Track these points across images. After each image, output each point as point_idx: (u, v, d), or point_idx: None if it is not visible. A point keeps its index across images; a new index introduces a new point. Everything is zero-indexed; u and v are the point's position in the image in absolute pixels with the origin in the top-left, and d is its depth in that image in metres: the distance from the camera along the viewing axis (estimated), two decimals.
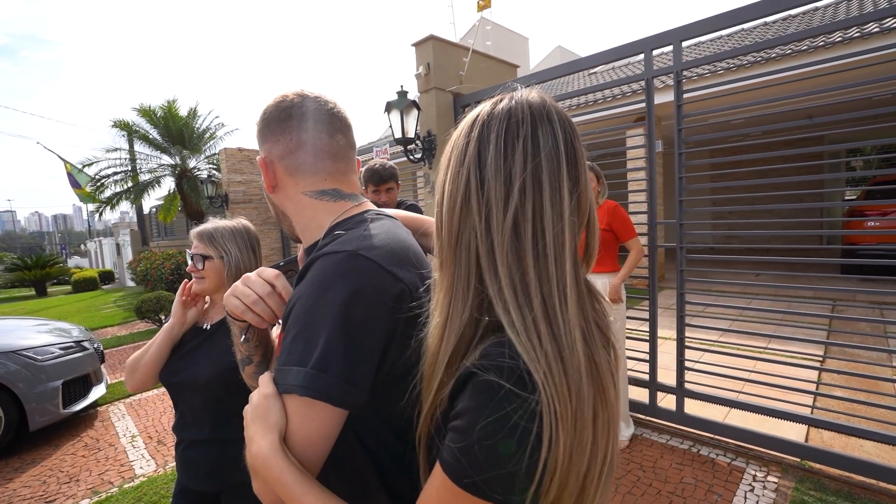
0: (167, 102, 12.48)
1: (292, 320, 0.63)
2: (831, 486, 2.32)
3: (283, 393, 0.61)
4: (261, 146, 0.81)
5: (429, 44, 4.13)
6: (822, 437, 2.74)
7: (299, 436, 0.59)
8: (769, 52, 5.99)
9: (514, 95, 0.56)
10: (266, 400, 0.60)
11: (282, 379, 0.61)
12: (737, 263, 8.27)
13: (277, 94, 0.82)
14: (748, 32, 8.16)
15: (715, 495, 2.30)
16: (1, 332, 3.78)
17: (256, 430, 0.59)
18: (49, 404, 3.48)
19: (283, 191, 0.81)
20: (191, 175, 12.12)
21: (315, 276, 0.64)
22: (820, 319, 4.66)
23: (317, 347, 0.59)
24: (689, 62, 2.71)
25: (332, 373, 0.58)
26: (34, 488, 2.90)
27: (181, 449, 1.37)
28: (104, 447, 3.44)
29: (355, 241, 0.67)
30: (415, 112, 4.03)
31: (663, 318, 4.00)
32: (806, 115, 7.07)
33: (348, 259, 0.63)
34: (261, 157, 0.80)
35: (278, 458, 0.57)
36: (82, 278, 17.67)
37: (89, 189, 12.88)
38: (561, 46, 18.11)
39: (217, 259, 1.37)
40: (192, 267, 1.37)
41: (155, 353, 1.34)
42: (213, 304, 1.46)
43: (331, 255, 0.65)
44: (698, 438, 2.85)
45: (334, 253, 0.64)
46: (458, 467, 0.46)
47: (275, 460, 0.57)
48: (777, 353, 2.89)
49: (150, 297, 6.79)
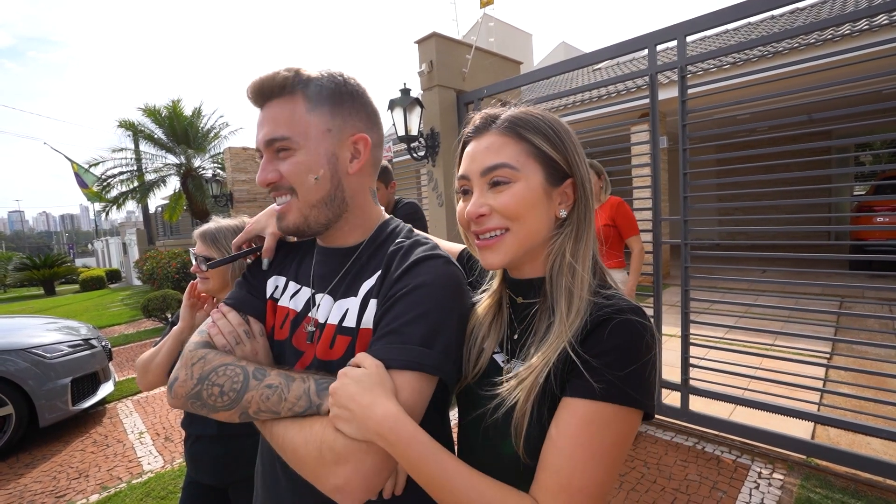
0: (172, 102, 12.56)
1: (406, 308, 0.68)
2: (837, 483, 2.31)
3: (404, 368, 0.65)
4: (346, 120, 0.75)
5: (432, 41, 4.12)
6: (829, 435, 2.72)
7: (410, 404, 0.64)
8: (776, 46, 5.93)
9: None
10: (379, 369, 0.63)
11: (401, 355, 0.65)
12: (743, 260, 8.21)
13: (345, 72, 0.78)
14: (754, 27, 8.07)
15: (719, 492, 2.30)
16: (11, 331, 3.84)
17: (378, 395, 0.60)
18: (58, 401, 3.53)
19: (358, 178, 0.80)
20: (196, 174, 12.19)
21: (428, 275, 0.71)
22: (827, 316, 4.62)
23: (440, 334, 0.68)
24: (694, 57, 2.69)
25: (452, 358, 0.69)
26: (45, 483, 2.94)
27: (189, 444, 1.40)
28: (112, 443, 3.48)
29: (434, 247, 0.77)
30: (418, 109, 4.02)
31: (668, 315, 3.98)
32: (810, 112, 7.00)
33: (446, 263, 0.74)
34: (362, 135, 0.77)
35: (407, 420, 0.60)
36: (90, 277, 17.84)
37: (96, 189, 12.99)
38: (565, 42, 18.01)
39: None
40: (196, 268, 1.38)
41: (165, 355, 1.36)
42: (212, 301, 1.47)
43: (433, 258, 0.74)
44: (703, 435, 2.84)
45: (436, 257, 0.74)
46: (615, 391, 0.57)
47: (405, 422, 0.59)
48: (783, 349, 2.87)
49: (157, 295, 6.85)
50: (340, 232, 0.81)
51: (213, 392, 0.70)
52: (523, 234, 0.68)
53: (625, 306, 0.62)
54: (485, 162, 0.68)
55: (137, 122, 12.41)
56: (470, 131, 0.73)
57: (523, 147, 0.68)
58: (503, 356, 0.73)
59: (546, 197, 0.68)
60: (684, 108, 2.75)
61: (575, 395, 0.59)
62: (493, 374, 0.72)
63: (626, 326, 0.59)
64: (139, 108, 12.43)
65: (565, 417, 0.59)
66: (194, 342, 0.77)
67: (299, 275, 0.85)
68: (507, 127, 0.68)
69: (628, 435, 0.59)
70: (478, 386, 0.72)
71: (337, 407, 0.61)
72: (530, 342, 0.68)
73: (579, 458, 0.56)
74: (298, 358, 0.78)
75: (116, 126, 12.37)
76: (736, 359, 3.22)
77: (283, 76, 0.72)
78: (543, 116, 0.70)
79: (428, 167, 4.42)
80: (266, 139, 0.73)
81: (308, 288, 0.82)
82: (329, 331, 0.76)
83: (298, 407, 0.68)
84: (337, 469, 0.60)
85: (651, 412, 0.61)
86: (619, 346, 0.59)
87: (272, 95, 0.73)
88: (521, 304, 0.74)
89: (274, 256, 0.89)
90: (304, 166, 0.73)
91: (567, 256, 0.68)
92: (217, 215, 1.55)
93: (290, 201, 0.75)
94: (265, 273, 0.89)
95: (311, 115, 0.73)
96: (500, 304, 0.77)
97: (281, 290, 0.85)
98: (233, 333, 0.78)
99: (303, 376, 0.70)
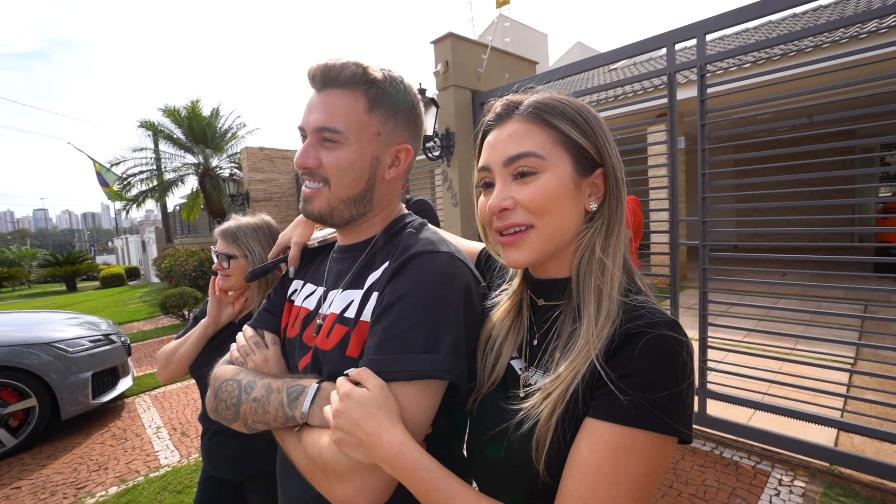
0: (191, 103, 12.77)
1: (406, 310, 0.65)
2: (862, 492, 2.24)
3: (409, 380, 0.62)
4: (396, 127, 0.76)
5: (447, 41, 4.12)
6: (853, 442, 2.65)
7: (418, 416, 0.63)
8: (799, 43, 5.79)
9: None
10: (383, 390, 0.61)
11: (404, 366, 0.62)
12: (762, 262, 8.04)
13: (404, 77, 0.77)
14: (775, 25, 7.90)
15: (738, 499, 2.25)
16: (35, 325, 3.94)
17: (382, 421, 0.58)
18: (79, 395, 3.61)
19: (391, 184, 0.80)
20: (213, 174, 12.38)
21: (426, 273, 0.68)
22: (851, 320, 4.49)
23: (444, 334, 0.64)
24: (714, 55, 2.64)
25: (462, 357, 0.66)
26: (66, 475, 3.01)
27: (206, 438, 1.43)
28: (131, 437, 3.55)
29: (442, 243, 0.74)
30: (433, 110, 4.03)
31: (685, 318, 3.91)
32: (835, 110, 6.82)
33: (451, 260, 0.70)
34: (406, 145, 0.78)
35: (413, 448, 0.58)
36: (110, 274, 18.26)
37: (116, 188, 13.28)
38: (581, 43, 17.85)
39: (241, 258, 1.40)
40: (218, 265, 1.40)
41: (189, 348, 1.40)
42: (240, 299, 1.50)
43: (432, 254, 0.70)
44: (721, 440, 2.78)
45: (435, 253, 0.70)
46: (646, 415, 0.51)
47: (409, 449, 0.57)
48: (805, 354, 2.80)
49: (174, 293, 6.97)
50: (359, 228, 0.81)
51: (221, 406, 0.77)
52: (551, 229, 0.62)
53: (658, 319, 0.55)
54: (508, 151, 0.63)
55: (157, 123, 12.65)
56: (491, 119, 0.68)
57: (550, 134, 0.62)
58: (521, 362, 0.68)
59: (575, 188, 0.63)
60: (703, 107, 2.70)
61: (600, 418, 0.53)
62: (511, 383, 0.67)
63: (660, 343, 0.53)
64: (159, 109, 12.66)
65: (589, 441, 0.53)
66: (222, 360, 0.85)
67: (317, 276, 0.88)
68: (532, 112, 0.63)
69: (660, 464, 0.53)
70: (496, 398, 0.66)
71: (341, 432, 0.59)
72: (553, 348, 0.62)
73: (603, 488, 0.51)
74: (305, 353, 0.79)
75: (137, 126, 12.62)
76: (755, 363, 3.15)
77: (352, 69, 0.71)
78: (570, 101, 0.64)
79: (443, 167, 4.42)
80: (318, 125, 0.72)
81: (322, 287, 0.84)
82: (329, 320, 0.76)
83: (278, 421, 0.71)
84: (342, 486, 0.61)
85: (688, 438, 0.54)
86: (651, 366, 0.52)
87: (335, 84, 0.72)
88: (542, 307, 0.68)
89: (299, 264, 0.94)
90: (347, 163, 0.72)
91: (597, 252, 0.62)
92: (237, 213, 1.58)
93: (320, 189, 0.75)
94: (288, 283, 0.93)
95: (367, 115, 0.73)
96: (520, 307, 0.72)
97: (299, 291, 0.89)
98: (245, 347, 0.83)
99: (279, 386, 0.72)
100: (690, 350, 0.55)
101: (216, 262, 1.42)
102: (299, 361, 0.80)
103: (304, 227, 0.98)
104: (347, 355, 0.71)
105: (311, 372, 0.76)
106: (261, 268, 1.01)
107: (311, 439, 0.66)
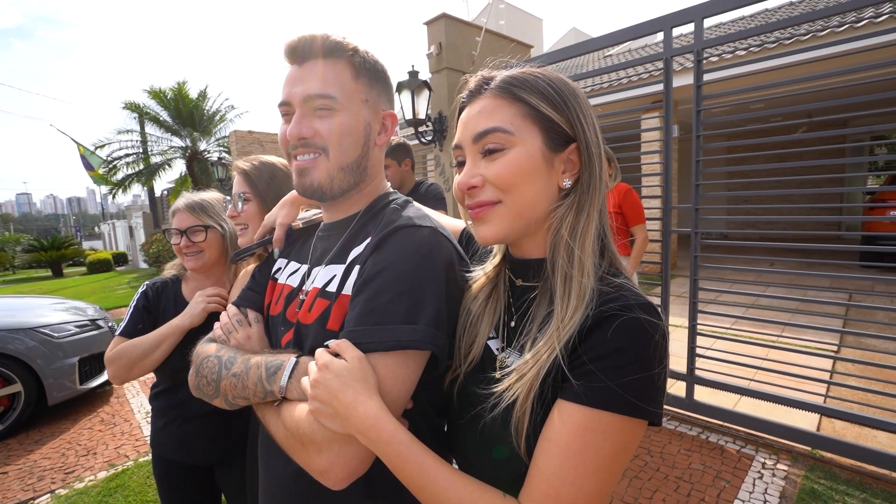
0: (177, 84, 12.48)
1: (388, 283, 0.65)
2: (842, 475, 2.30)
3: (388, 350, 0.62)
4: (379, 95, 0.78)
5: (441, 22, 4.04)
6: (835, 427, 2.71)
7: (397, 388, 0.62)
8: (796, 30, 5.78)
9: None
10: (361, 362, 0.60)
11: (383, 337, 0.62)
12: (752, 250, 8.14)
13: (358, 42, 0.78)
14: (772, 13, 7.88)
15: (723, 481, 2.30)
16: (19, 310, 3.87)
17: (359, 392, 0.58)
18: (66, 380, 3.57)
19: (380, 152, 0.82)
20: (201, 157, 12.18)
21: (408, 245, 0.68)
22: (836, 309, 4.57)
23: (425, 306, 0.64)
24: (712, 40, 2.61)
25: (443, 329, 0.65)
26: (54, 460, 2.99)
27: (178, 424, 1.33)
28: (119, 422, 3.52)
29: (425, 218, 0.74)
30: (426, 93, 3.97)
31: (674, 306, 3.95)
32: (829, 98, 6.84)
33: (433, 234, 0.71)
34: (391, 112, 0.80)
35: (389, 421, 0.57)
36: (97, 260, 17.97)
37: (102, 171, 13.01)
38: (576, 28, 17.69)
39: (216, 227, 1.35)
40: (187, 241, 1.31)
41: (165, 351, 1.28)
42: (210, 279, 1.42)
43: (414, 228, 0.70)
44: (707, 425, 2.83)
45: (418, 227, 0.70)
46: (614, 398, 0.51)
47: (385, 422, 0.57)
48: (791, 341, 2.84)
49: None
50: (348, 203, 0.81)
51: (202, 382, 0.78)
52: (519, 204, 0.61)
53: (633, 302, 0.54)
54: (476, 127, 0.62)
55: (143, 104, 12.38)
56: (464, 96, 0.67)
57: (518, 108, 0.61)
58: (498, 343, 0.68)
59: (546, 164, 0.61)
60: (699, 93, 2.68)
61: (570, 399, 0.53)
62: (488, 364, 0.66)
63: (633, 326, 0.53)
64: (145, 90, 12.38)
65: (559, 421, 0.54)
66: (205, 338, 0.85)
67: (301, 254, 0.88)
68: (501, 87, 0.62)
69: (628, 446, 0.53)
70: (472, 382, 0.66)
71: (318, 402, 0.59)
72: (528, 330, 0.62)
73: (570, 467, 0.52)
74: (288, 329, 0.79)
75: (122, 108, 12.34)
76: (742, 349, 3.20)
77: (333, 39, 0.72)
78: (544, 75, 0.62)
79: (435, 151, 4.37)
80: (307, 94, 0.71)
81: (306, 265, 0.84)
82: (311, 294, 0.77)
83: (258, 396, 0.71)
84: (320, 457, 0.61)
85: (657, 421, 0.54)
86: (623, 349, 0.52)
87: (318, 55, 0.72)
88: (520, 287, 0.68)
89: (284, 245, 0.94)
90: (343, 127, 0.73)
91: (564, 233, 0.61)
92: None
93: (316, 159, 0.74)
94: (272, 262, 0.94)
95: (355, 81, 0.74)
96: (495, 284, 0.71)
97: (283, 269, 0.89)
98: (227, 325, 0.84)
99: (258, 361, 0.72)
100: (665, 333, 0.55)
101: (183, 240, 1.30)
102: (282, 338, 0.80)
103: (290, 209, 0.98)
104: (328, 328, 0.71)
105: (293, 347, 0.76)
106: (246, 249, 1.00)
107: (290, 412, 0.66)
